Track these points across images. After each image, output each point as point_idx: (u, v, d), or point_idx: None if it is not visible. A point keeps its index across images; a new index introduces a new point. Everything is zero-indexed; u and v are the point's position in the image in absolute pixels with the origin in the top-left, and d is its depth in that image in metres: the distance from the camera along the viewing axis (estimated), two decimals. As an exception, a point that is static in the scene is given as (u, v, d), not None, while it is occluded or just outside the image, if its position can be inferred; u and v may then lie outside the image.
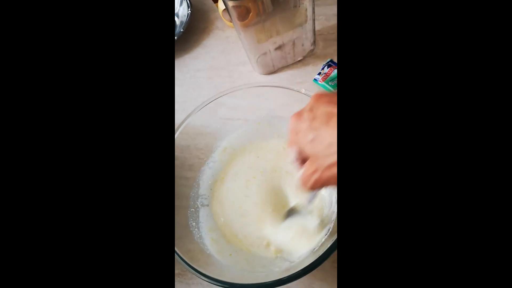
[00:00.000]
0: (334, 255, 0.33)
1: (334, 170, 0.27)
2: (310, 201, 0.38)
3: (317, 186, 0.30)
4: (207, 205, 0.47)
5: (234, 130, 0.50)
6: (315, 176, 0.29)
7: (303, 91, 0.42)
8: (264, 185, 0.46)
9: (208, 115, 0.47)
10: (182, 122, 0.45)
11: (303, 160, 0.31)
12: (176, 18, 0.71)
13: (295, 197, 0.44)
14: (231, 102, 0.47)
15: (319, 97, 0.29)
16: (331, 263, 0.41)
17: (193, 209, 0.45)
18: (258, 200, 0.45)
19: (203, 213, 0.46)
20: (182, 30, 0.65)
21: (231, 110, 0.48)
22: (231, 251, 0.42)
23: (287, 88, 0.43)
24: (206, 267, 0.36)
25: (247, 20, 0.49)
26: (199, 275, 0.35)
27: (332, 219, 0.39)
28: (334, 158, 0.27)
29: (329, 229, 0.38)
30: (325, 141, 0.27)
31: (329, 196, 0.42)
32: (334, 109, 0.27)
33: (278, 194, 0.45)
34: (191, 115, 0.45)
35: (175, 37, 0.64)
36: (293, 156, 0.31)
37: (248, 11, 0.48)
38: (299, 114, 0.30)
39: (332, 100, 0.28)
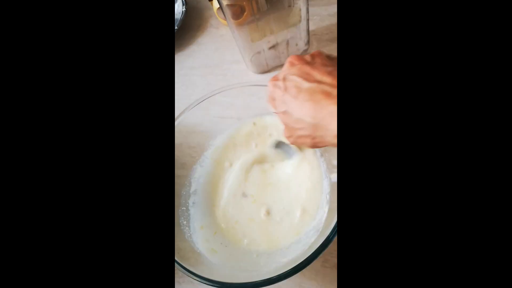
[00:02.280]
0: (324, 254, 0.33)
1: (305, 140, 0.31)
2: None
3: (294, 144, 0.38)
4: (198, 204, 0.46)
5: (227, 128, 0.50)
6: (291, 140, 0.35)
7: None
8: (256, 182, 0.46)
9: (201, 113, 0.46)
10: (175, 120, 0.44)
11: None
12: (170, 15, 0.70)
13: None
14: (224, 100, 0.47)
15: (292, 63, 0.32)
16: (321, 262, 0.42)
17: (184, 208, 0.45)
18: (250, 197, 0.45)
19: (194, 211, 0.46)
20: (176, 27, 0.65)
21: (224, 108, 0.48)
22: (221, 250, 0.42)
23: (280, 88, 0.43)
24: (196, 266, 0.36)
25: (241, 19, 0.49)
26: (189, 274, 0.34)
27: (323, 219, 0.39)
28: (301, 132, 0.31)
29: (318, 230, 0.39)
30: (293, 116, 0.30)
31: (324, 196, 0.43)
32: (302, 84, 0.29)
33: (273, 188, 0.45)
34: (184, 113, 0.45)
35: (169, 34, 0.64)
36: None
37: (242, 10, 0.48)
38: (275, 80, 0.33)
39: (301, 70, 0.30)
